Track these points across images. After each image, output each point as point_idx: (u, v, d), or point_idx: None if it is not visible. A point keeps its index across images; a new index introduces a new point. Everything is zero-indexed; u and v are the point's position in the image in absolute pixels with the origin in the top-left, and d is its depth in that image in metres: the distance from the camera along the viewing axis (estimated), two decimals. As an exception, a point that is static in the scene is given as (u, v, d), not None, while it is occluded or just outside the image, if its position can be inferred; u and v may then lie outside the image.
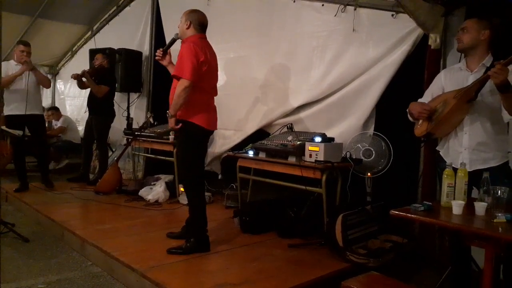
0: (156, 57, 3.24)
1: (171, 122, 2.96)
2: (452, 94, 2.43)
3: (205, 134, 3.06)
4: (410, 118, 2.69)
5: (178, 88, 2.85)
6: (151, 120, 5.03)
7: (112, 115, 5.50)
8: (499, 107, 2.30)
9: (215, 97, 3.14)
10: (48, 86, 5.14)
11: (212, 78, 3.05)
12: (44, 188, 4.94)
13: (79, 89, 5.98)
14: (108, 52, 5.64)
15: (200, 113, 2.95)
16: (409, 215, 2.00)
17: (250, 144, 3.95)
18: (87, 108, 5.52)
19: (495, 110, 2.33)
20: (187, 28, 3.01)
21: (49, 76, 8.09)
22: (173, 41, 3.18)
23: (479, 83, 2.29)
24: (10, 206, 4.61)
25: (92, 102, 5.38)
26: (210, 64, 2.96)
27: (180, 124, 2.95)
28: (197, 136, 2.99)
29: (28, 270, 2.88)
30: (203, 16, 3.08)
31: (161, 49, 3.21)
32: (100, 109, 5.32)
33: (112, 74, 5.51)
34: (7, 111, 4.68)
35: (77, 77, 5.21)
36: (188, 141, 3.01)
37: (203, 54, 2.89)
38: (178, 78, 2.87)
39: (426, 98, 2.66)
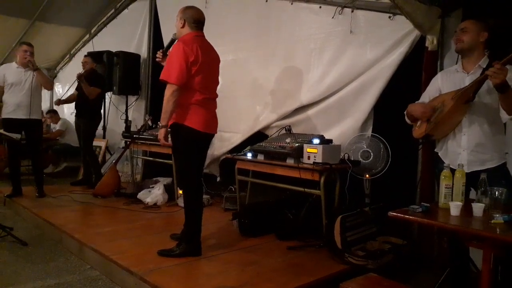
0: (157, 59, 3.20)
1: (161, 134, 2.87)
2: (450, 95, 2.43)
3: (202, 137, 2.94)
4: (408, 121, 2.69)
5: (166, 93, 2.78)
6: (149, 122, 5.04)
7: (100, 118, 5.48)
8: (497, 107, 2.31)
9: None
10: (50, 88, 4.98)
11: (207, 78, 2.90)
12: (36, 196, 4.75)
13: (71, 92, 5.93)
14: (89, 55, 5.59)
15: (193, 115, 2.86)
16: (407, 216, 2.01)
17: (249, 147, 3.95)
18: (75, 111, 5.43)
19: (493, 111, 2.34)
20: (182, 27, 2.93)
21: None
22: (172, 42, 3.13)
23: (477, 84, 2.29)
24: (9, 209, 4.60)
25: (80, 104, 5.29)
26: (203, 64, 2.82)
27: (170, 143, 2.91)
28: (192, 139, 2.89)
29: (26, 274, 2.87)
30: (198, 13, 2.95)
31: (161, 51, 3.16)
32: (90, 112, 5.26)
33: (101, 75, 5.47)
34: (5, 114, 4.60)
35: (80, 77, 5.08)
36: (183, 145, 2.93)
37: (193, 54, 2.77)
38: (166, 82, 2.79)
39: (423, 100, 2.66)
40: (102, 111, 5.64)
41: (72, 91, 5.59)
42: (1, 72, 4.64)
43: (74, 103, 5.50)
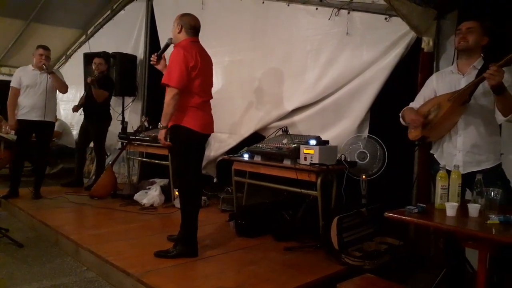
0: (151, 62, 3.24)
1: (161, 134, 2.93)
2: (446, 97, 2.44)
3: (199, 138, 3.01)
4: (403, 123, 2.70)
5: (167, 97, 2.86)
6: (146, 124, 5.03)
7: (110, 119, 5.48)
8: (493, 108, 2.32)
9: (210, 101, 3.13)
10: (65, 92, 4.91)
11: (205, 82, 3.00)
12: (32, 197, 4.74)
13: (73, 94, 5.94)
14: (102, 56, 5.64)
15: (192, 117, 2.93)
16: (404, 217, 2.01)
17: (245, 148, 3.95)
18: (83, 113, 5.48)
19: (488, 112, 2.35)
20: (179, 33, 3.01)
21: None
22: (167, 46, 3.19)
23: (474, 86, 2.30)
24: (4, 211, 4.57)
25: (90, 107, 5.33)
26: (201, 68, 2.92)
27: (170, 143, 2.94)
28: (190, 140, 2.95)
29: (22, 276, 2.86)
30: (194, 20, 3.05)
31: (155, 54, 3.21)
32: (98, 114, 5.30)
33: (110, 78, 5.50)
34: (19, 115, 4.64)
35: (92, 82, 5.08)
36: (181, 146, 2.98)
37: (193, 59, 2.87)
38: (167, 86, 2.87)
39: (418, 101, 2.67)
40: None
41: (67, 92, 5.59)
42: (18, 75, 4.69)
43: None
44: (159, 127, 2.95)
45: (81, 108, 5.45)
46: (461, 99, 2.36)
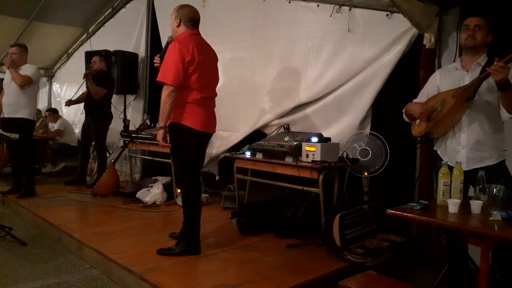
0: (155, 64, 3.13)
1: (159, 135, 2.85)
2: (450, 93, 2.43)
3: (200, 137, 2.93)
4: (406, 119, 2.69)
5: (163, 95, 2.76)
6: (147, 122, 5.04)
7: (110, 117, 5.47)
8: (497, 105, 2.31)
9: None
10: (19, 84, 4.55)
11: (204, 77, 2.86)
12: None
13: (75, 92, 5.96)
14: (104, 54, 5.65)
15: (191, 115, 2.84)
16: (406, 214, 2.01)
17: (247, 145, 3.95)
18: (84, 111, 5.51)
19: (493, 109, 2.34)
20: (178, 26, 2.90)
21: (45, 79, 8.06)
22: (168, 45, 3.13)
23: (479, 82, 2.29)
24: (7, 209, 4.60)
25: (89, 104, 5.37)
26: (200, 62, 2.79)
27: (169, 144, 2.90)
28: (188, 139, 2.87)
29: (25, 274, 2.87)
30: (193, 11, 2.93)
31: (158, 56, 3.11)
32: (97, 112, 5.33)
33: (109, 76, 5.51)
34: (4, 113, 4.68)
35: (87, 76, 5.15)
36: (181, 144, 2.91)
37: (189, 53, 2.75)
38: (163, 84, 2.77)
39: (421, 98, 2.66)
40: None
41: (68, 90, 5.63)
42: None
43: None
44: (157, 127, 2.89)
45: (82, 106, 5.47)
46: (465, 96, 2.35)
